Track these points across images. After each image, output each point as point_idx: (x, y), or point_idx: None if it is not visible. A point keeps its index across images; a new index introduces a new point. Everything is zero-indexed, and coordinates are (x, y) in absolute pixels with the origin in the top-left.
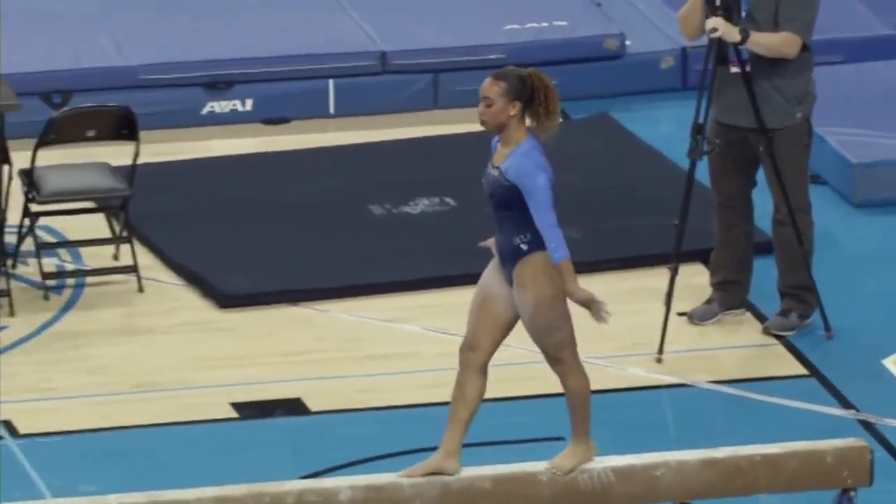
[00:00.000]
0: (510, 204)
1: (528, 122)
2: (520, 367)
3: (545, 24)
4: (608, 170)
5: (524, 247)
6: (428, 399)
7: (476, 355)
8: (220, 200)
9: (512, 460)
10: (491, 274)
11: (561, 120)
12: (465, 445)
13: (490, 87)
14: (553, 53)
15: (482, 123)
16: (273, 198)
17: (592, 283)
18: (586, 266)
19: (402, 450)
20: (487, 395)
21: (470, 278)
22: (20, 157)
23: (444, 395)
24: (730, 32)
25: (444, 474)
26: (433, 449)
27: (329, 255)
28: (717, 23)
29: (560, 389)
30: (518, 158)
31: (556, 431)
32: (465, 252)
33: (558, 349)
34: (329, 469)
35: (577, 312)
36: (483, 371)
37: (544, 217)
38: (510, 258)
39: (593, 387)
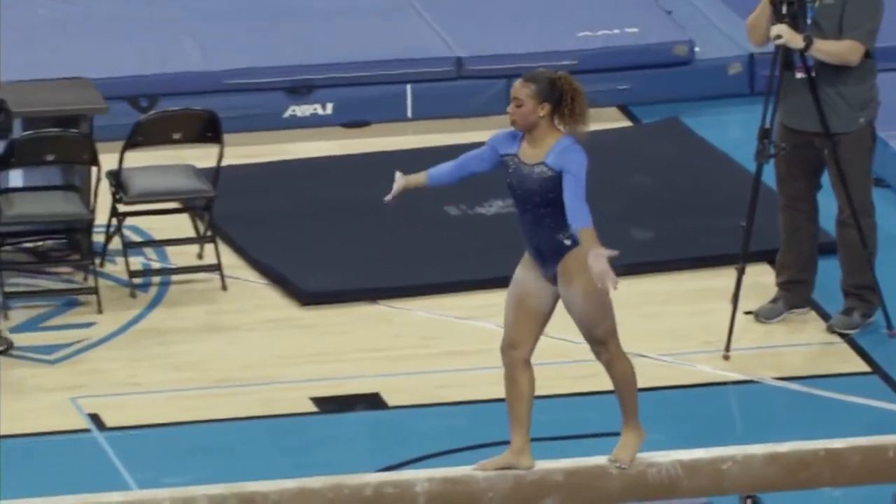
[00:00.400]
0: (552, 200)
1: (557, 123)
2: (588, 365)
3: (616, 31)
4: (678, 172)
5: (568, 241)
6: (502, 395)
7: (519, 352)
8: (301, 201)
9: (581, 454)
10: (524, 272)
11: (631, 124)
12: (536, 440)
13: (521, 88)
14: (624, 59)
15: (512, 123)
16: (352, 199)
17: (662, 283)
18: (656, 266)
19: (478, 443)
20: (556, 391)
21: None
22: (108, 159)
23: None
24: (793, 39)
25: (518, 469)
26: (507, 443)
27: (406, 254)
28: (781, 30)
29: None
30: (563, 149)
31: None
32: None
33: (606, 338)
34: (406, 462)
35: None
36: (528, 365)
37: (578, 191)
38: (553, 255)
39: (663, 383)
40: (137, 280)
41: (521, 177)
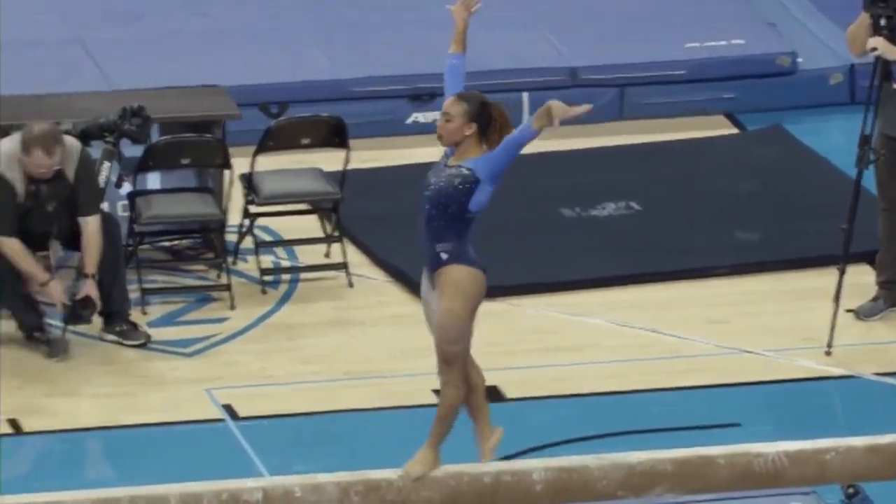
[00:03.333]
0: (447, 207)
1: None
2: (694, 360)
3: (723, 43)
4: (782, 178)
5: (444, 256)
6: (614, 388)
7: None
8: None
9: (689, 445)
10: (425, 282)
11: (737, 131)
12: (649, 431)
13: (453, 104)
14: (730, 69)
15: (438, 137)
16: None
17: (765, 282)
18: (760, 266)
19: (591, 434)
20: (664, 384)
21: (651, 276)
22: (240, 163)
23: (629, 384)
24: (889, 51)
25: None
26: (620, 434)
27: (522, 253)
28: (877, 42)
29: (741, 379)
30: (484, 158)
31: (729, 418)
32: (647, 252)
33: (451, 361)
34: (523, 451)
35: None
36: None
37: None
38: (432, 264)
39: (767, 378)
40: (268, 277)
41: (439, 174)
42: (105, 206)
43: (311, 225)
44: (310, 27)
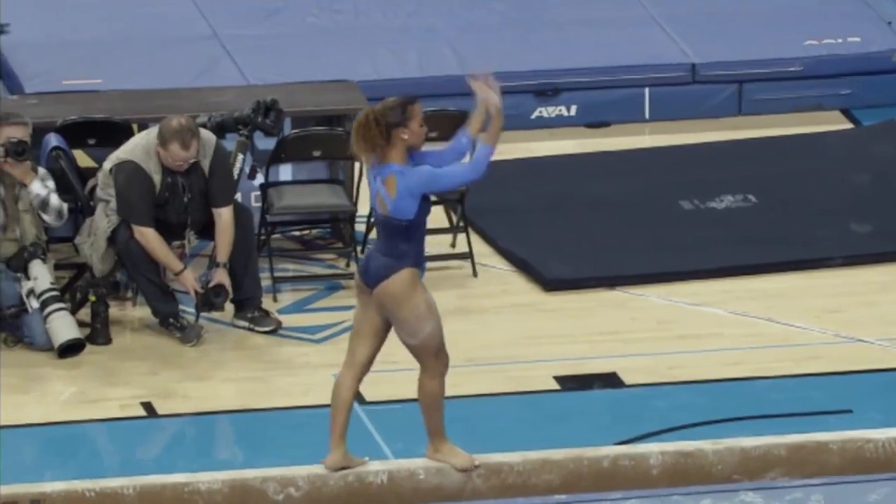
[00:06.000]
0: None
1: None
2: (811, 347)
3: (839, 40)
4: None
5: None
6: (732, 374)
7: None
8: (546, 195)
9: (803, 431)
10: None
11: (852, 126)
12: (764, 417)
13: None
14: (846, 66)
15: (419, 146)
16: (593, 193)
17: (880, 273)
18: (875, 257)
19: (709, 419)
20: (782, 372)
21: (767, 267)
22: None
23: (746, 371)
24: None
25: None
26: (736, 419)
27: (642, 244)
28: None
29: (854, 368)
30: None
31: (842, 405)
32: (763, 243)
33: (419, 353)
34: (642, 436)
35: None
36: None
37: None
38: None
39: (881, 366)
40: None
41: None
42: (238, 196)
43: (437, 216)
44: (441, 25)
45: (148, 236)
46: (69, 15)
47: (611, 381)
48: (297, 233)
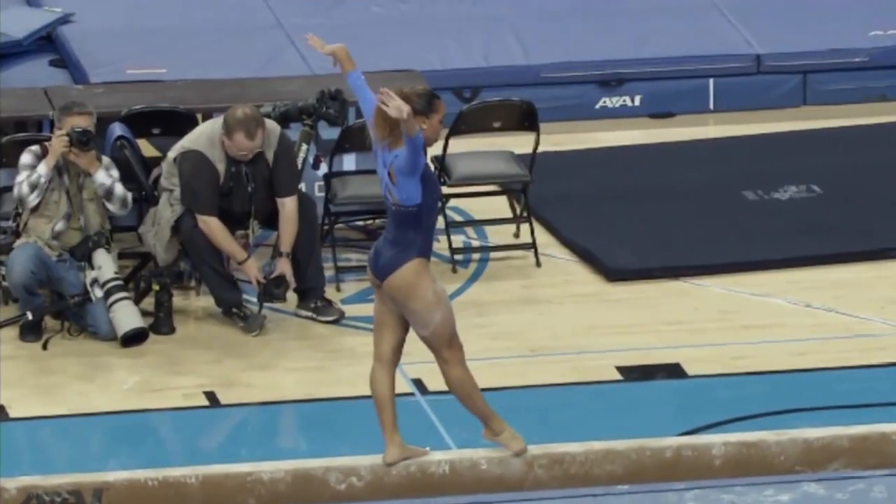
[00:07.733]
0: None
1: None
2: (877, 339)
3: None
4: None
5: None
6: (796, 365)
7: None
8: (610, 186)
9: (867, 422)
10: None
11: None
12: (828, 408)
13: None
14: None
15: (434, 141)
16: (657, 184)
17: None
18: None
19: (772, 410)
20: (848, 363)
21: (832, 258)
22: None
23: (810, 362)
24: None
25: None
26: (800, 410)
27: (706, 234)
28: None
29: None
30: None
31: None
32: (827, 234)
33: (436, 345)
34: (704, 427)
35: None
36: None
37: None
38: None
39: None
40: (459, 256)
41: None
42: (302, 186)
43: (500, 206)
44: (506, 14)
45: (212, 225)
46: (134, 4)
47: (674, 371)
48: (360, 222)
